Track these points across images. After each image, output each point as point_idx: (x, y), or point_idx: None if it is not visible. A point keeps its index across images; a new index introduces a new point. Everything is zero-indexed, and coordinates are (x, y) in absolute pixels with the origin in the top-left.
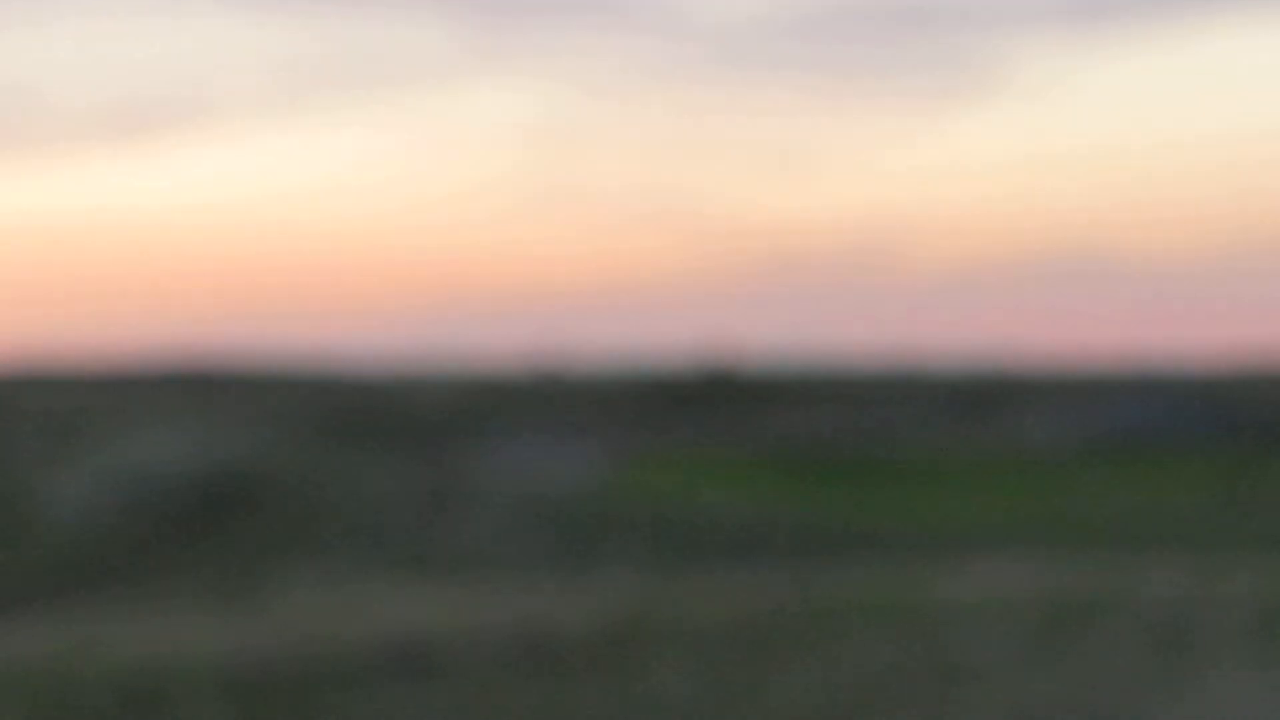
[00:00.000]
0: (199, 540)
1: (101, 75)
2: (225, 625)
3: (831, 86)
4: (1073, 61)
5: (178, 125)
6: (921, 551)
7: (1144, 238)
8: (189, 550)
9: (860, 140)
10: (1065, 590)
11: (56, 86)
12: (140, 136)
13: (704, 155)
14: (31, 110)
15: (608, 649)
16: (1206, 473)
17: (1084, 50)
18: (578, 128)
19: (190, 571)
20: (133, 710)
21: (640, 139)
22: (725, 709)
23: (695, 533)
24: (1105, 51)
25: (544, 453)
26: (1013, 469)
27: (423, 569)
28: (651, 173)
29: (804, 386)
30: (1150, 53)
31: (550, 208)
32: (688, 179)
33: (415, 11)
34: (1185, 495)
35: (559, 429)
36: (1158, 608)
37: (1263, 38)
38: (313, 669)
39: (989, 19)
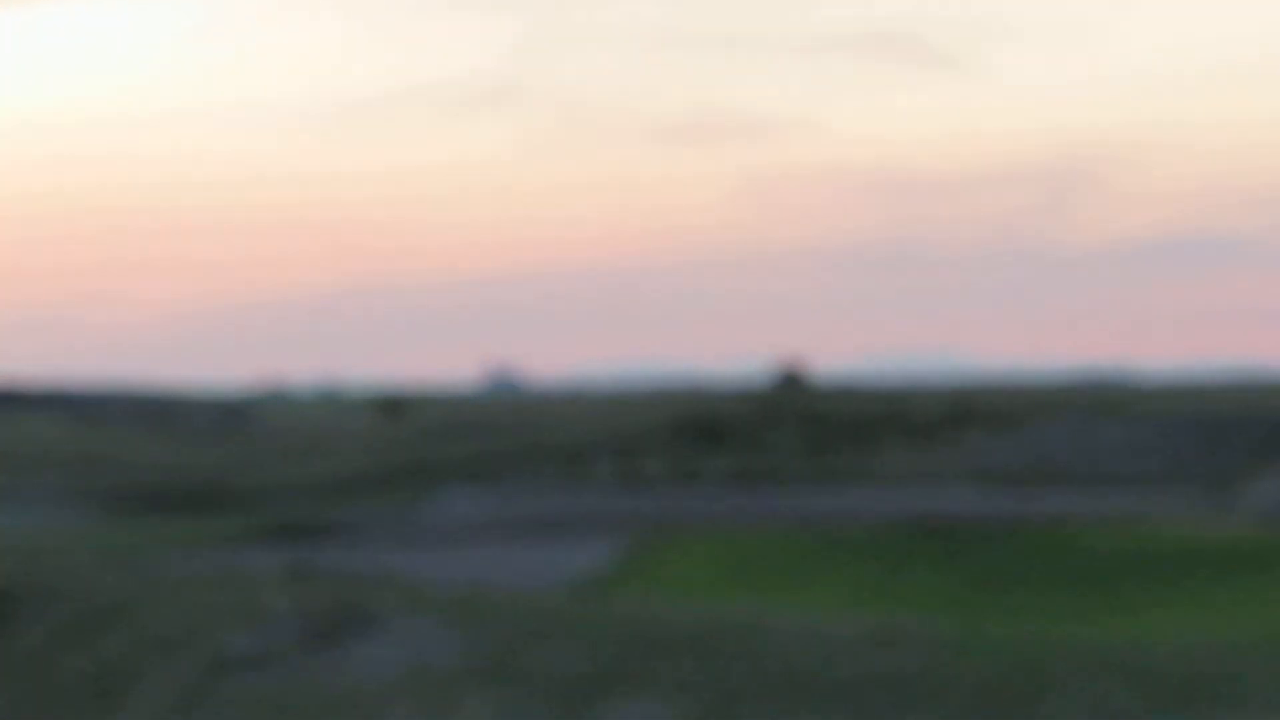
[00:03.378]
0: None
1: None
2: None
3: None
4: None
5: None
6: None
7: None
8: None
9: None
10: None
11: None
12: None
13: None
14: None
15: None
16: None
17: None
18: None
19: None
20: None
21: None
22: None
23: (752, 668)
24: None
25: (503, 532)
26: (1249, 553)
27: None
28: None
29: (911, 406)
30: None
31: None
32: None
33: None
34: None
35: (526, 480)
36: None
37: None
38: None
39: None
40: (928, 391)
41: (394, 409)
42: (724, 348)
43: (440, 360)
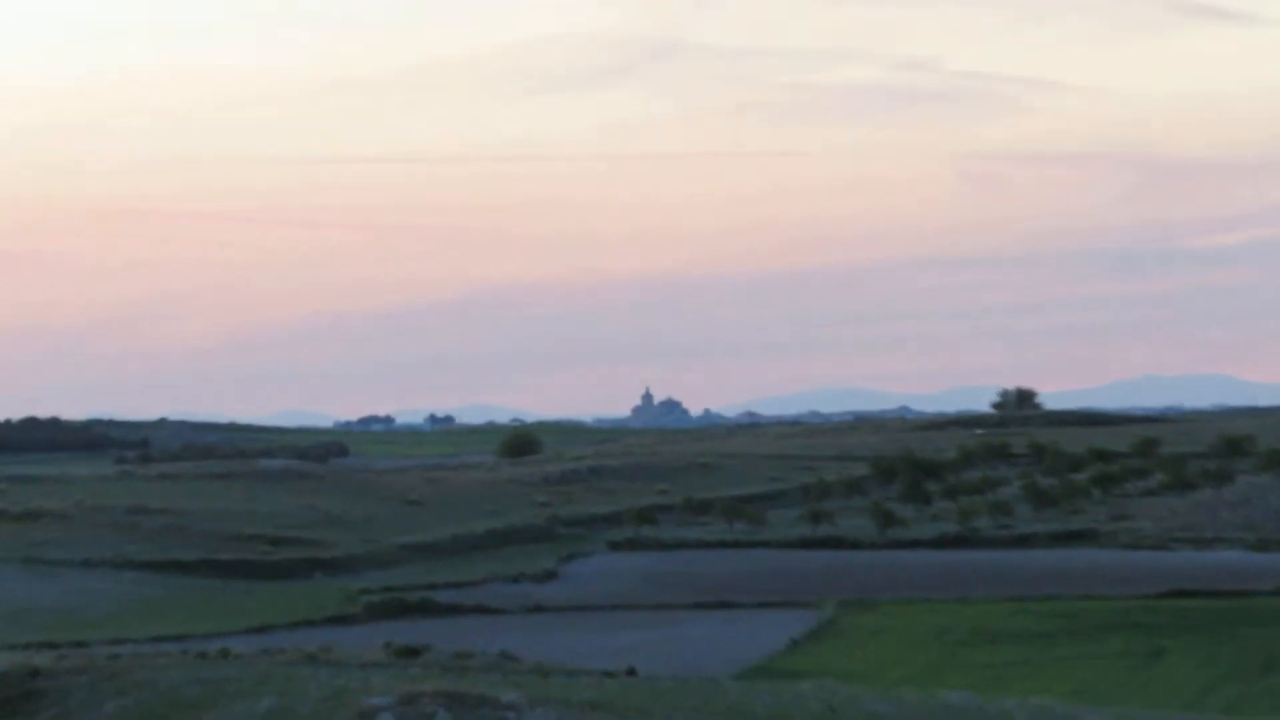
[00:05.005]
0: None
1: None
2: None
3: None
4: None
5: None
6: None
7: None
8: None
9: None
10: None
11: None
12: None
13: None
14: None
15: None
16: None
17: None
18: None
19: None
20: None
21: None
22: None
23: None
24: None
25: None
26: None
27: None
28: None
29: (1169, 442)
30: None
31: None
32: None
33: None
34: None
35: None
36: None
37: None
38: None
39: None
40: (1189, 424)
41: (524, 446)
42: (932, 369)
43: (581, 386)
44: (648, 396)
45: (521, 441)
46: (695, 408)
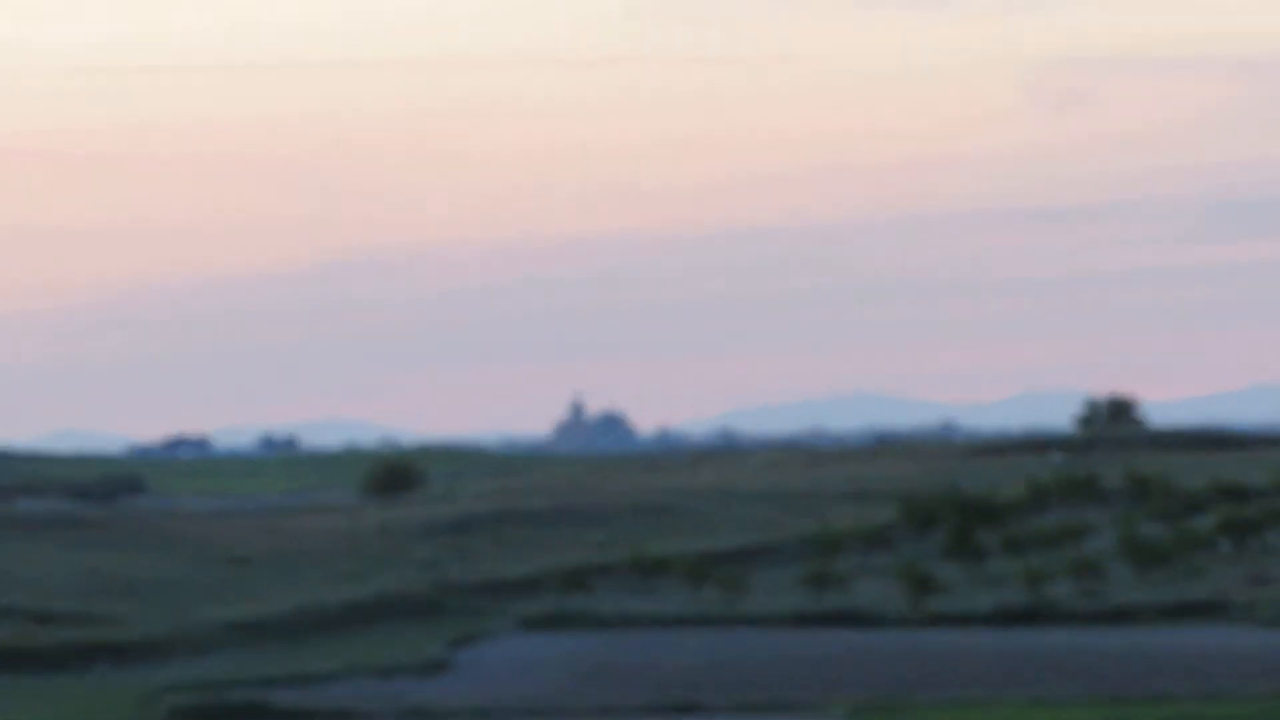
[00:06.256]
0: None
1: None
2: None
3: None
4: None
5: None
6: None
7: None
8: None
9: None
10: None
11: None
12: None
13: None
14: None
15: None
16: None
17: None
18: None
19: None
20: None
21: None
22: None
23: None
24: None
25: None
26: None
27: None
28: None
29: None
30: None
31: None
32: None
33: None
34: None
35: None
36: None
37: None
38: None
39: None
40: None
41: (400, 480)
42: (988, 368)
43: (482, 394)
44: (577, 409)
45: (396, 474)
46: (645, 424)
